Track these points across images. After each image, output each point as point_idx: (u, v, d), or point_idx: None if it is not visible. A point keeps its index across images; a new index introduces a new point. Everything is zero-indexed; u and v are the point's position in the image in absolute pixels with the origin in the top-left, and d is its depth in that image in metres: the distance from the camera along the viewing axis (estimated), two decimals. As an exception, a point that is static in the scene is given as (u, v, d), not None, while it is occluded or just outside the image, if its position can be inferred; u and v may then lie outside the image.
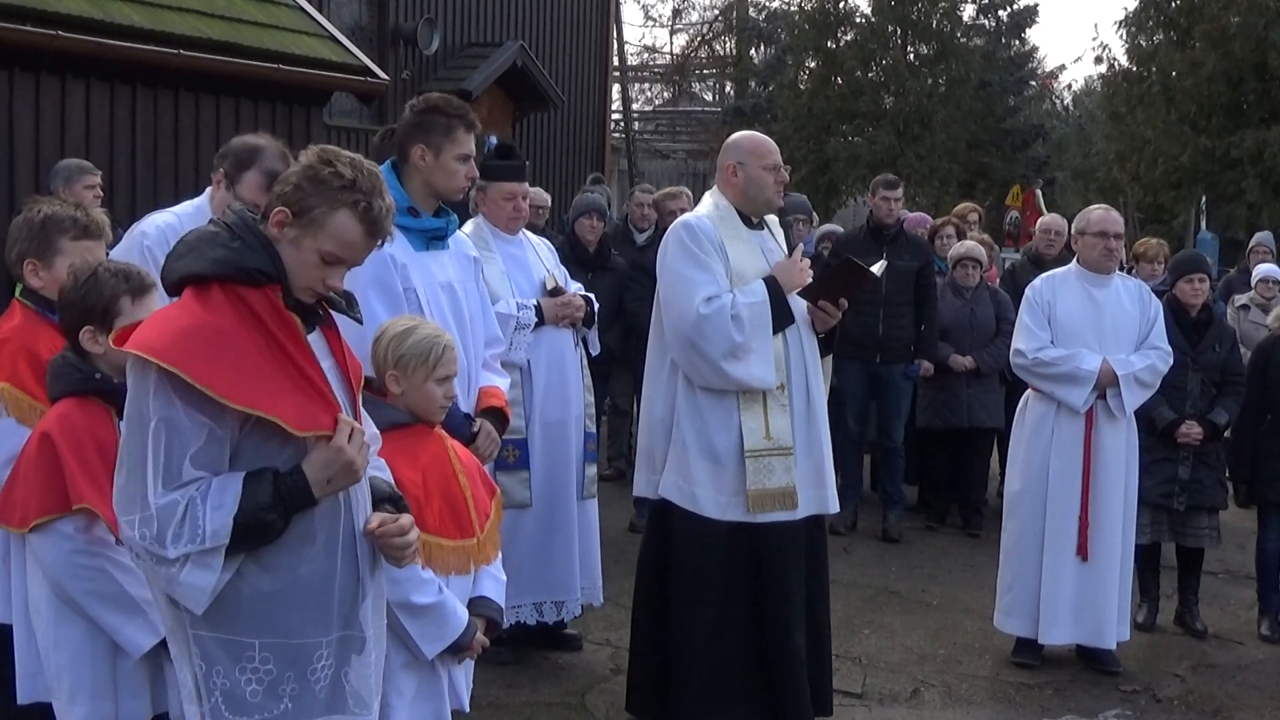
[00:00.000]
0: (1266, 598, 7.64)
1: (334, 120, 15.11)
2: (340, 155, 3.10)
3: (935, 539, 9.49)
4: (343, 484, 3.12)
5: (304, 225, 3.05)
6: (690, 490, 5.31)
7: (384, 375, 3.90)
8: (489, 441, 5.06)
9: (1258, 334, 9.06)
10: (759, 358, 5.26)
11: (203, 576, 2.94)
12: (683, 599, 5.38)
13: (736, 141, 5.60)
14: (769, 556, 5.36)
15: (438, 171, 4.92)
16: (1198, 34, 24.25)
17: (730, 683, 5.38)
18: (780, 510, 5.33)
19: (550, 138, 21.03)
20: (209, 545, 2.92)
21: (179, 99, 10.52)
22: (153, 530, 2.90)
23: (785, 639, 5.37)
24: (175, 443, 2.91)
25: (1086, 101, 39.88)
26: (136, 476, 2.91)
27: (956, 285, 9.55)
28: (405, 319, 4.06)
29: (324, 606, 3.12)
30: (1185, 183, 24.87)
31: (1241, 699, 6.56)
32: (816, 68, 29.85)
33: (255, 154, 4.88)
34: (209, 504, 2.92)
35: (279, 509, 2.99)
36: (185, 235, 3.14)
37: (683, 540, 5.37)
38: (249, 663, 3.04)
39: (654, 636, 5.52)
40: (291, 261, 3.07)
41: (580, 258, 9.15)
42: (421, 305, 4.80)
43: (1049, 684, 6.62)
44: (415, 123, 4.94)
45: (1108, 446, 6.63)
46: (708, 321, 5.19)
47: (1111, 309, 6.74)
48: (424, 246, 4.96)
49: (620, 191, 23.96)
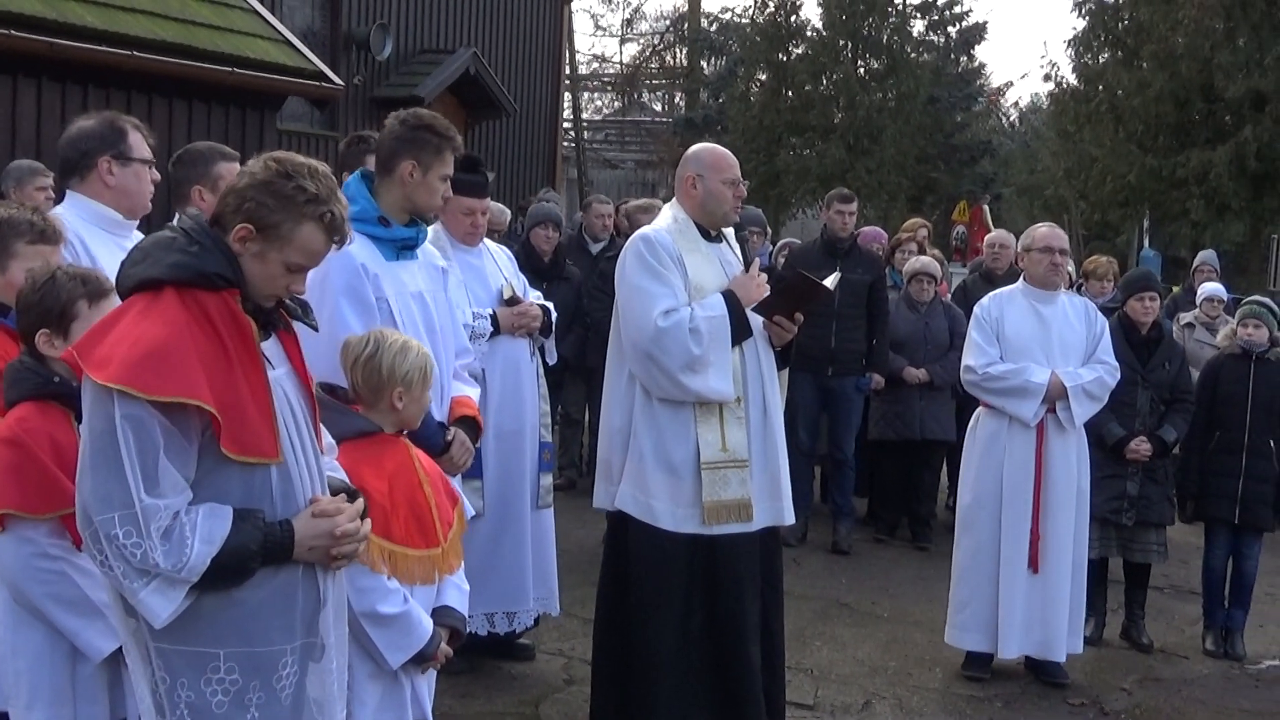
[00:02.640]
0: (1211, 613, 7.74)
1: (285, 125, 15.02)
2: (298, 166, 3.08)
3: (885, 551, 9.55)
4: (320, 560, 3.15)
5: (269, 240, 3.04)
6: (647, 502, 5.31)
7: (388, 391, 3.90)
8: (464, 450, 5.05)
9: (1203, 352, 9.18)
10: (716, 370, 5.27)
11: (161, 603, 2.93)
12: (643, 612, 5.36)
13: (696, 154, 5.60)
14: (726, 568, 5.35)
15: (422, 189, 4.92)
16: (1145, 54, 24.53)
17: (694, 695, 5.38)
18: (735, 522, 5.33)
19: (502, 145, 21.00)
20: (183, 576, 2.91)
21: (131, 100, 10.40)
22: (137, 528, 2.87)
23: (742, 651, 5.38)
24: (146, 441, 2.89)
25: (1033, 118, 40.24)
26: (113, 475, 2.88)
27: (911, 300, 9.63)
28: (391, 334, 4.05)
29: (288, 613, 3.11)
30: (1131, 201, 25.15)
31: (1186, 713, 6.64)
32: (767, 80, 29.92)
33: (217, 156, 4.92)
34: (199, 535, 2.92)
35: (260, 558, 3.00)
36: (139, 242, 3.13)
37: (640, 553, 5.36)
38: (214, 674, 3.03)
39: (614, 651, 5.50)
40: (256, 274, 3.06)
41: (535, 267, 9.15)
42: (394, 315, 4.79)
43: (998, 696, 6.67)
44: (408, 138, 4.92)
45: (1058, 461, 6.70)
46: (666, 334, 5.19)
47: (1058, 325, 6.83)
48: (394, 256, 4.94)
49: (570, 201, 23.96)
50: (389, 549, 3.71)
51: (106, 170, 4.52)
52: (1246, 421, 7.59)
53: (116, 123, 4.61)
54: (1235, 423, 7.61)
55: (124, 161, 4.55)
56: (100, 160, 4.51)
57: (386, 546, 3.70)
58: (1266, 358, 7.68)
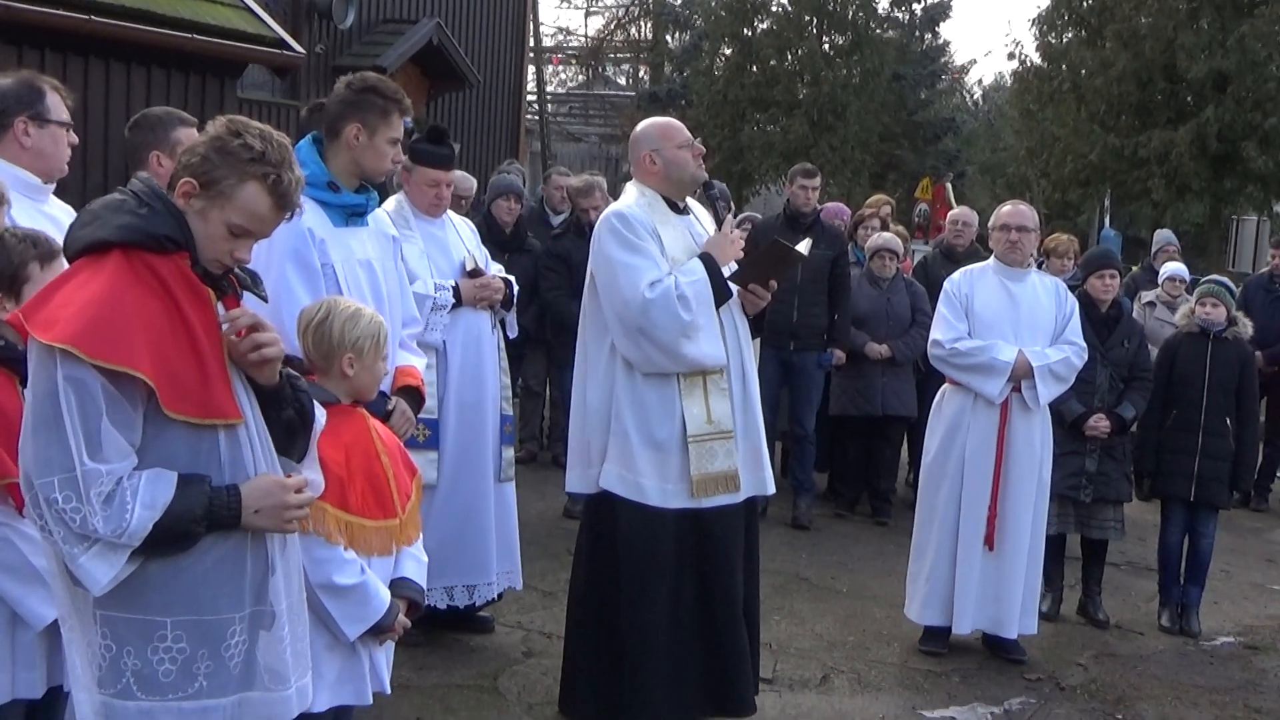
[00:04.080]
0: (1167, 589, 7.81)
1: (246, 93, 14.86)
2: (249, 126, 3.06)
3: (844, 527, 9.57)
4: (268, 526, 3.11)
5: (211, 197, 3.01)
6: (634, 480, 5.27)
7: (338, 358, 3.85)
8: (404, 420, 5.01)
9: (1164, 331, 9.23)
10: (707, 335, 5.26)
11: (102, 569, 2.90)
12: (634, 591, 5.31)
13: (644, 131, 5.56)
14: (714, 541, 5.35)
15: (369, 152, 4.87)
16: (1109, 34, 24.64)
17: (684, 671, 5.37)
18: (723, 493, 5.33)
19: (465, 117, 20.86)
20: (123, 541, 2.88)
21: (89, 66, 10.26)
22: (77, 493, 2.84)
23: (733, 624, 5.38)
24: (89, 404, 2.85)
25: (996, 96, 40.36)
26: (55, 438, 2.85)
27: (873, 276, 9.64)
28: (343, 301, 4.01)
29: (236, 581, 3.09)
30: (1093, 180, 25.28)
31: (1142, 688, 6.69)
32: (732, 55, 29.94)
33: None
34: (139, 500, 2.89)
35: (204, 523, 2.96)
36: (89, 205, 3.08)
37: (629, 532, 5.31)
38: (160, 642, 3.00)
39: (595, 634, 5.45)
40: (199, 233, 3.03)
41: (497, 239, 9.10)
42: (339, 281, 4.75)
43: (956, 671, 6.70)
44: (352, 100, 4.87)
45: (1020, 439, 6.72)
46: (655, 305, 5.15)
47: (1028, 304, 6.84)
48: (343, 222, 4.90)
49: (534, 173, 23.87)
50: (345, 520, 3.68)
51: (23, 131, 4.35)
52: (1203, 400, 7.64)
53: (34, 83, 4.45)
54: (1192, 401, 7.66)
55: (41, 123, 4.38)
56: (16, 121, 4.34)
57: (343, 517, 3.67)
58: (1223, 337, 7.73)
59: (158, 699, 3.00)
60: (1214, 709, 6.48)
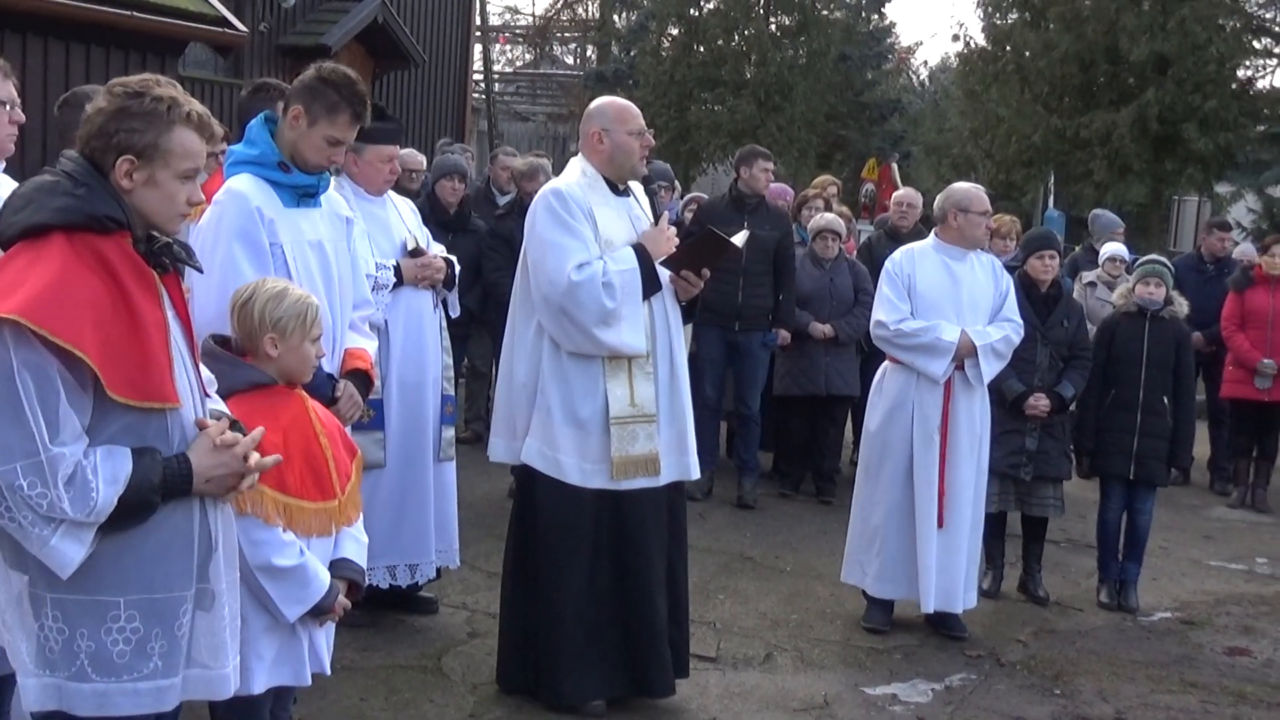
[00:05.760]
0: (1106, 566, 7.90)
1: (188, 71, 14.73)
2: (141, 82, 3.07)
3: (789, 506, 9.62)
4: (217, 492, 3.12)
5: (153, 161, 3.02)
6: (554, 457, 5.33)
7: (260, 338, 3.82)
8: (351, 403, 4.99)
9: (1104, 310, 9.30)
10: (629, 324, 5.29)
11: (73, 548, 2.90)
12: (549, 566, 5.40)
13: (600, 108, 5.58)
14: (632, 523, 5.40)
15: (305, 140, 4.82)
16: (1053, 15, 24.71)
17: (598, 650, 5.42)
18: (643, 477, 5.39)
19: (410, 96, 20.76)
20: (91, 520, 2.87)
21: (27, 43, 10.16)
22: (42, 478, 2.82)
23: (647, 604, 5.43)
24: (47, 388, 2.84)
25: (942, 78, 40.48)
26: (13, 424, 2.82)
27: (816, 256, 9.68)
28: (272, 281, 3.98)
29: (185, 559, 3.09)
30: (1036, 161, 25.38)
31: (1080, 664, 6.77)
32: (679, 35, 29.83)
33: None
34: (102, 476, 2.88)
35: (160, 492, 2.96)
36: (19, 188, 3.05)
37: (547, 507, 5.38)
38: (114, 623, 3.00)
39: (521, 606, 5.52)
40: (154, 202, 3.03)
41: (441, 219, 9.08)
42: (287, 262, 4.72)
43: (898, 649, 6.76)
44: (308, 85, 4.83)
45: (963, 417, 6.78)
46: (580, 288, 5.19)
47: (968, 282, 6.90)
48: (294, 203, 4.86)
49: (481, 153, 23.76)
50: (284, 502, 3.67)
51: None
52: (1141, 379, 7.73)
53: None
54: (1130, 380, 7.74)
55: None
56: None
57: (281, 499, 3.66)
58: (1161, 316, 7.81)
59: (113, 680, 3.01)
60: (1150, 683, 6.57)
